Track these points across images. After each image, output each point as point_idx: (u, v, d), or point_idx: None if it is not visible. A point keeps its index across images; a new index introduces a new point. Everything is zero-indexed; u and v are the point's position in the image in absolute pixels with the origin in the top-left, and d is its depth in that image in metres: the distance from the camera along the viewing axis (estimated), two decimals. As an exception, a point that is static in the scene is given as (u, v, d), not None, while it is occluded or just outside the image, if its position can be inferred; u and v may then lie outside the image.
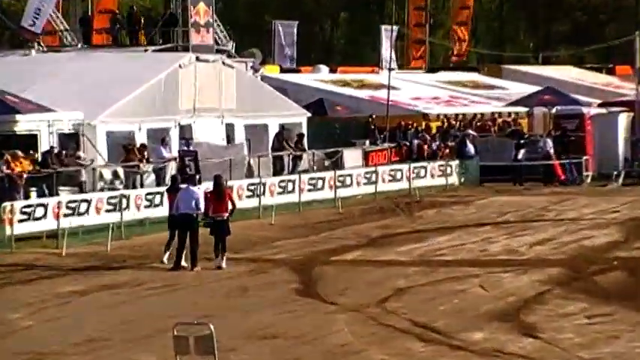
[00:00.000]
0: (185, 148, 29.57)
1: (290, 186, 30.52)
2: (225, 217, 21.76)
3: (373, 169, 33.74)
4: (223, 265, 21.65)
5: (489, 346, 16.76)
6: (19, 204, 23.79)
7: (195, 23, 32.15)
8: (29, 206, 24.17)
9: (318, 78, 43.40)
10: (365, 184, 33.84)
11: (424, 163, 35.95)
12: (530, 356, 16.16)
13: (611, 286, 22.12)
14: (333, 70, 45.83)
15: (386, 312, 19.41)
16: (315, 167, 32.43)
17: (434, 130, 40.00)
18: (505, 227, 30.00)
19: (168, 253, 21.52)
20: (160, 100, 30.49)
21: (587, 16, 66.95)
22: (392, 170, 34.66)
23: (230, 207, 21.96)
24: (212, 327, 12.45)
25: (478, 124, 40.93)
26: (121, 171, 28.05)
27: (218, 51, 33.24)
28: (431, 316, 18.86)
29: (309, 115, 34.88)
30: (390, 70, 40.54)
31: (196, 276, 21.84)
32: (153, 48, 32.65)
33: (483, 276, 22.95)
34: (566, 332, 17.82)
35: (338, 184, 31.98)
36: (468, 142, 37.51)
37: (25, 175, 25.64)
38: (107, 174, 28.19)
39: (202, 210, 21.42)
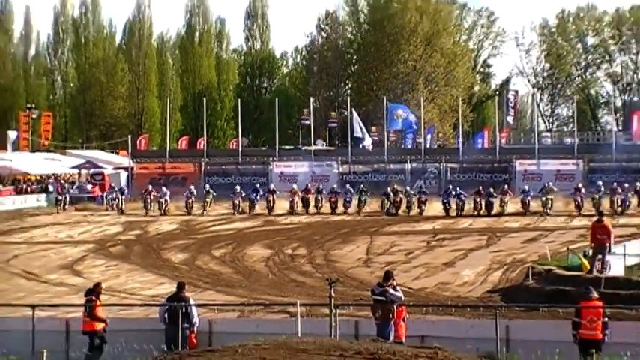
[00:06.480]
0: None
1: None
2: None
3: None
4: None
5: (61, 281, 21.34)
6: None
7: None
8: None
9: None
10: None
11: None
12: (67, 282, 20.51)
13: (117, 252, 27.60)
14: None
15: (8, 265, 24.18)
16: None
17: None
18: None
19: None
20: None
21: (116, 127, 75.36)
22: None
23: None
24: None
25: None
26: None
27: None
28: (32, 268, 22.98)
29: None
30: None
31: None
32: None
33: (55, 248, 28.21)
34: (95, 274, 21.86)
35: None
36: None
37: None
38: None
39: None
